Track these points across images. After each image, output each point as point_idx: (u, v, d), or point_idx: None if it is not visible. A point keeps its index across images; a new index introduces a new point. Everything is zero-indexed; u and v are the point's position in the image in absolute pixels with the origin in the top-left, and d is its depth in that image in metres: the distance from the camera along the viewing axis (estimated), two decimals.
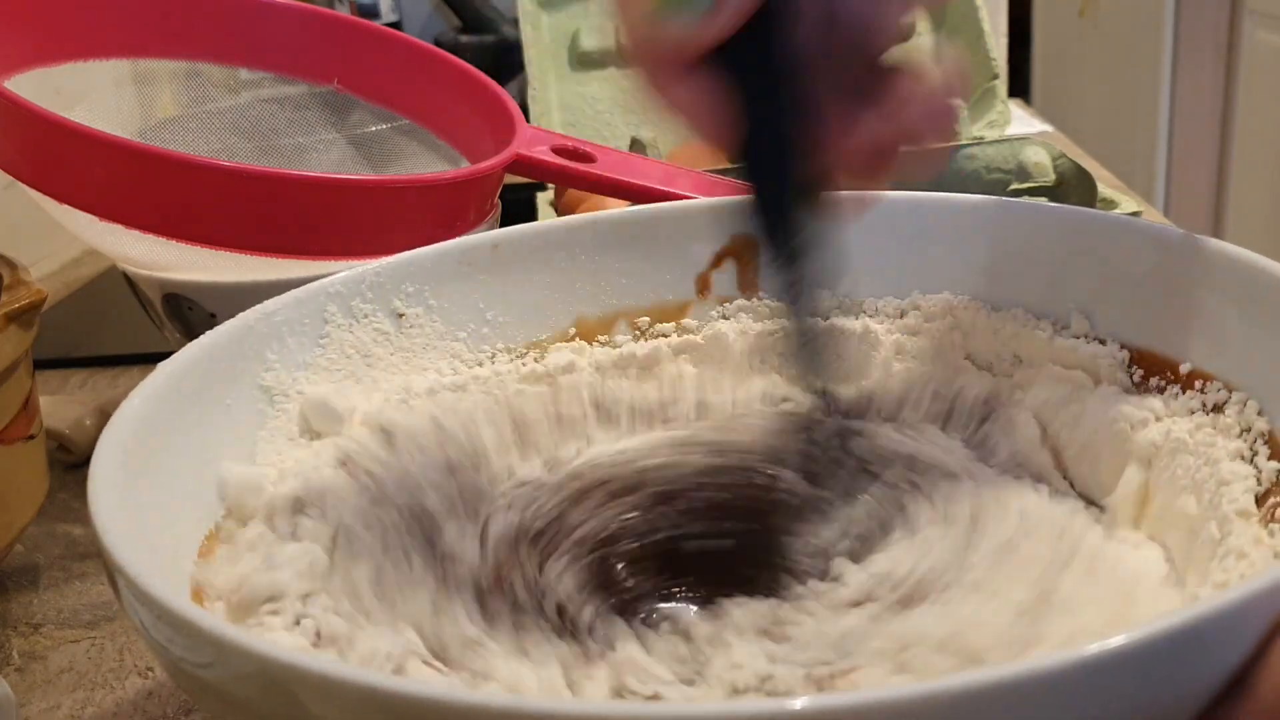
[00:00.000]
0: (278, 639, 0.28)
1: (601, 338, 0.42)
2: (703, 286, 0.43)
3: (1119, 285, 0.36)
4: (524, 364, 0.41)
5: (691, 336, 0.42)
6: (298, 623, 0.29)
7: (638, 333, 0.42)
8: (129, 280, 0.53)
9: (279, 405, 0.35)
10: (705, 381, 0.41)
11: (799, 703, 0.18)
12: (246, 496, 0.32)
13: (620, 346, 0.42)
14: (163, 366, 0.32)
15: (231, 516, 0.32)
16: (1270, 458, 0.30)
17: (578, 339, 0.42)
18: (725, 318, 0.42)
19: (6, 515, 0.42)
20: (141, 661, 0.40)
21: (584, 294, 0.42)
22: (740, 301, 0.42)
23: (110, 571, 0.24)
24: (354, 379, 0.38)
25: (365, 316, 0.39)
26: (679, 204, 0.43)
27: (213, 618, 0.21)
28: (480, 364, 0.40)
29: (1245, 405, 0.31)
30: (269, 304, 0.36)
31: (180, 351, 0.33)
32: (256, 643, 0.20)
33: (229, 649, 0.20)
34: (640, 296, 0.42)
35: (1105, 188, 0.65)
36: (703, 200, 0.43)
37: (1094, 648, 0.18)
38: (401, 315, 0.39)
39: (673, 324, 0.42)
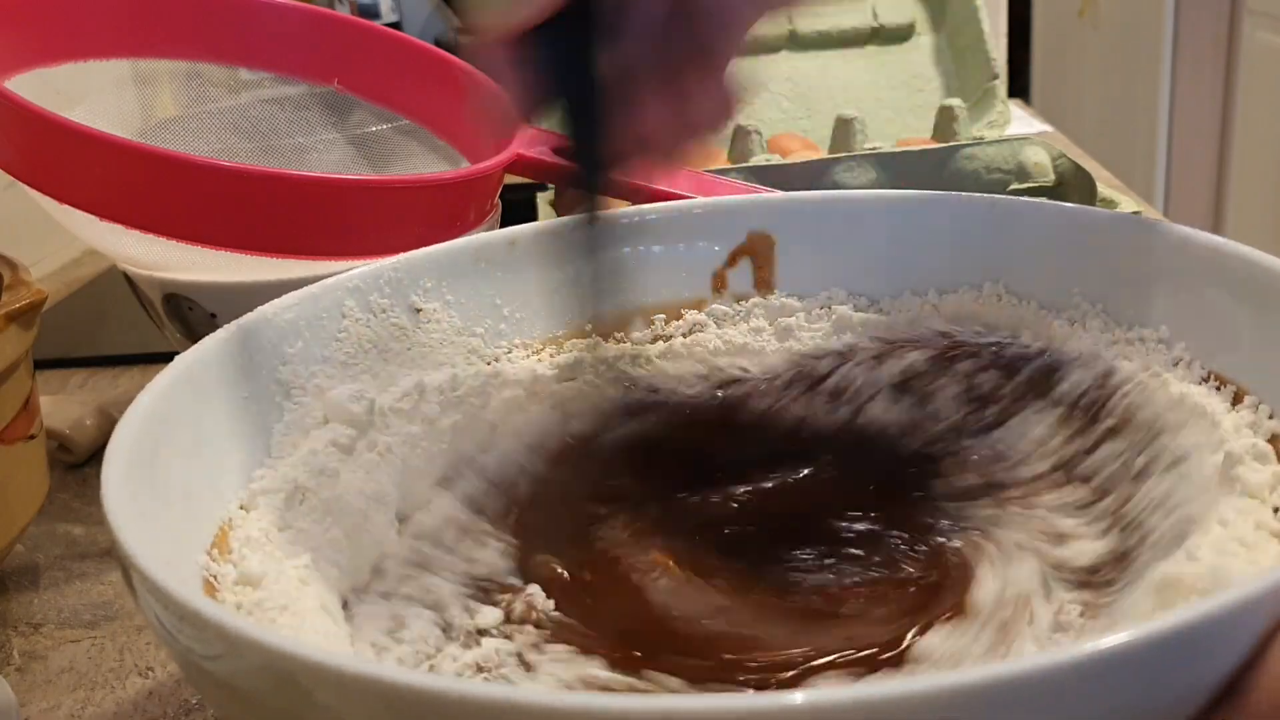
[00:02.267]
0: None
1: (618, 334, 0.42)
2: (719, 284, 0.43)
3: (1129, 284, 0.36)
4: (539, 360, 0.41)
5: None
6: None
7: (653, 330, 0.42)
8: (129, 280, 0.53)
9: (296, 399, 0.35)
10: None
11: (799, 697, 0.18)
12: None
13: (637, 344, 0.42)
14: (181, 358, 0.32)
15: (245, 509, 0.32)
16: None
17: (594, 335, 0.42)
18: (740, 316, 0.42)
19: (7, 515, 0.42)
20: (141, 661, 0.40)
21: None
22: (756, 299, 0.42)
23: (123, 564, 0.24)
24: (370, 374, 0.37)
25: (383, 311, 0.38)
26: (694, 202, 0.44)
27: (223, 610, 0.22)
28: (497, 359, 0.40)
29: (1258, 408, 0.31)
30: (287, 298, 0.36)
31: (199, 344, 0.33)
32: (266, 635, 0.20)
33: (238, 641, 0.20)
34: (656, 293, 0.42)
35: (1105, 188, 0.65)
36: (718, 199, 0.44)
37: (1087, 647, 0.18)
38: (419, 310, 0.39)
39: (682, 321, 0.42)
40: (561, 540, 0.35)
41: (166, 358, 0.32)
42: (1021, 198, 0.41)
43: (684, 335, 0.42)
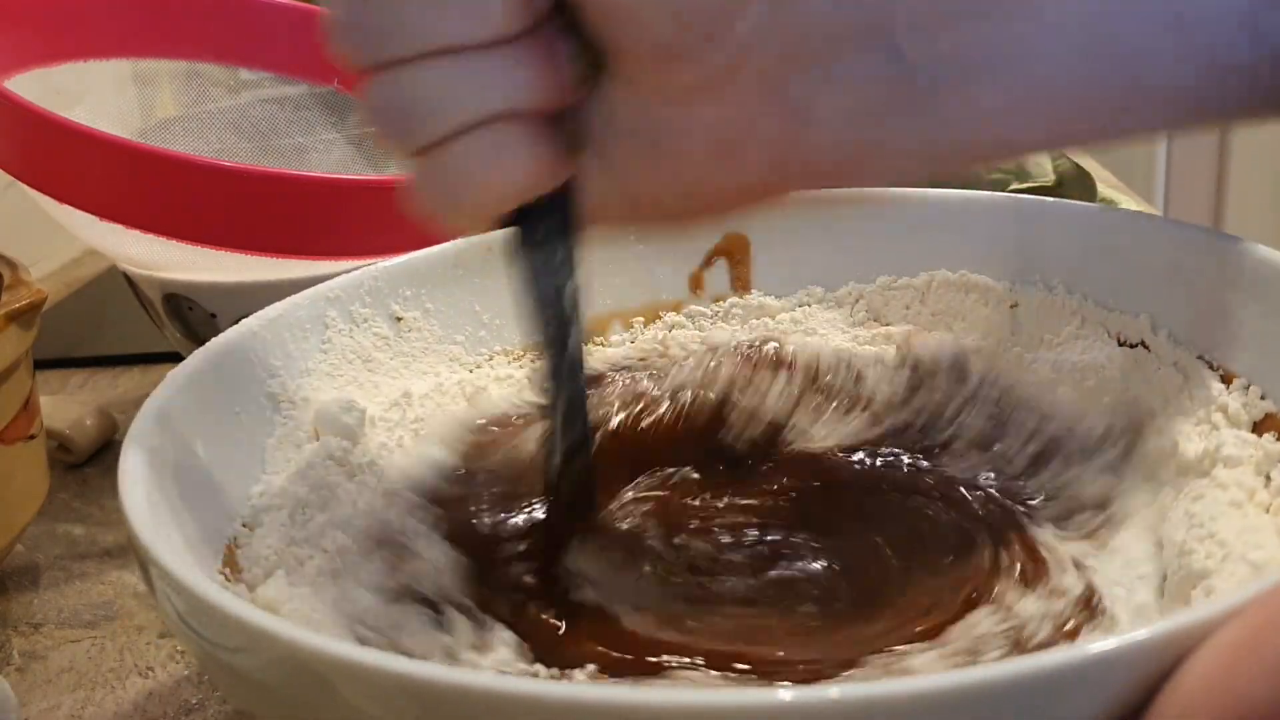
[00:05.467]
0: None
1: (597, 338, 0.42)
2: (695, 285, 0.43)
3: (1139, 281, 0.36)
4: (520, 366, 0.41)
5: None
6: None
7: (631, 333, 0.42)
8: (129, 280, 0.53)
9: (285, 412, 0.35)
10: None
11: (788, 694, 0.18)
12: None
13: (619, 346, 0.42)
14: (173, 375, 0.32)
15: (248, 527, 0.32)
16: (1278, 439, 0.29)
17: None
18: (718, 316, 0.42)
19: (7, 515, 0.42)
20: (141, 661, 0.40)
21: None
22: (734, 299, 0.43)
23: (143, 562, 0.24)
24: (356, 384, 0.38)
25: (365, 321, 0.39)
26: None
27: (244, 604, 0.22)
28: (479, 366, 0.40)
29: (1261, 395, 0.31)
30: (270, 310, 0.36)
31: (189, 359, 0.33)
32: (287, 629, 0.20)
33: (260, 634, 0.21)
34: (633, 296, 0.42)
35: (1105, 187, 0.65)
36: None
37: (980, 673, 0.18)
38: (400, 319, 0.39)
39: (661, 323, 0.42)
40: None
41: (166, 358, 0.33)
42: (985, 193, 0.41)
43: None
